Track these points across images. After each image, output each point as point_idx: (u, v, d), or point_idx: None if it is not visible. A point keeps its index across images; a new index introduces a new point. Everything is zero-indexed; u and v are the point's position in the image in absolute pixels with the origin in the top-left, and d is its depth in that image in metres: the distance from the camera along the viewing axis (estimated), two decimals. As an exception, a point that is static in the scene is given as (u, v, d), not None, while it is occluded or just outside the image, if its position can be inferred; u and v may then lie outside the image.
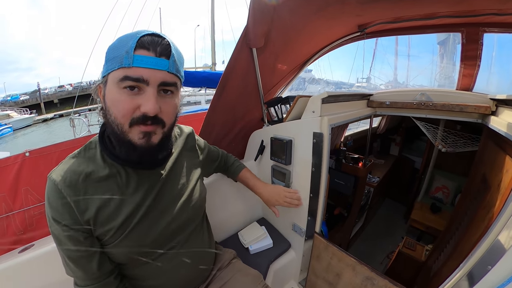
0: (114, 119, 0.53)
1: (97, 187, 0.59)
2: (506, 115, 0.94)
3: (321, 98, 1.00)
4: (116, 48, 0.52)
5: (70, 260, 0.59)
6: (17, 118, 18.93)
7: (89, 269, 0.59)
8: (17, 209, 1.24)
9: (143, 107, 0.52)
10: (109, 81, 0.53)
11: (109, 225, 0.60)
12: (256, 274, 0.88)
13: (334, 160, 1.91)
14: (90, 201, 0.58)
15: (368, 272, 0.91)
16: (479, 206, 1.05)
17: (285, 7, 1.07)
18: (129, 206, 0.62)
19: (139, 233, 0.63)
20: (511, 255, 0.54)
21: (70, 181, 0.56)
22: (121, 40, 0.52)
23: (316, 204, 1.09)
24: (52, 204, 0.56)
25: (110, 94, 0.53)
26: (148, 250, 0.66)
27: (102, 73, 0.55)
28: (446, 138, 1.56)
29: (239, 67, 1.20)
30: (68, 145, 1.38)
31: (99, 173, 0.60)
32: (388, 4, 1.12)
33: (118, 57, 0.51)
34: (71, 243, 0.57)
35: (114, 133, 0.55)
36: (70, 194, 0.56)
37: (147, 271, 0.69)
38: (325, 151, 1.01)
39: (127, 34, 0.53)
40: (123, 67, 0.50)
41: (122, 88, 0.51)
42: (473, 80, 1.32)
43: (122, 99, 0.52)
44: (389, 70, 14.16)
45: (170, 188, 0.71)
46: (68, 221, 0.56)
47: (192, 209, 0.76)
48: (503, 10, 1.06)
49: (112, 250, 0.62)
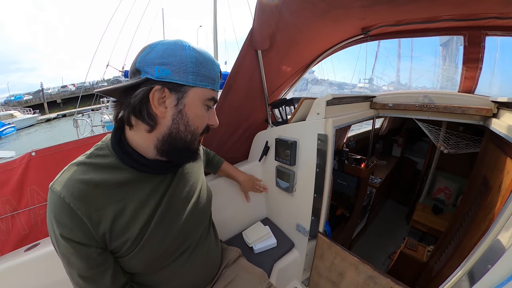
0: (194, 129, 0.59)
1: (109, 195, 0.55)
2: (507, 118, 0.95)
3: (326, 100, 1.02)
4: (206, 68, 0.56)
5: (80, 277, 0.54)
6: (20, 118, 18.98)
7: (103, 285, 0.56)
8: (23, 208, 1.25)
9: (212, 121, 0.63)
10: (194, 95, 0.56)
11: (125, 236, 0.56)
12: (260, 272, 0.90)
13: (336, 161, 1.92)
14: (104, 212, 0.54)
15: (370, 271, 0.93)
16: (480, 207, 1.07)
17: (290, 10, 1.09)
18: (145, 213, 0.59)
19: (155, 240, 0.61)
20: (510, 254, 0.55)
21: (79, 192, 0.51)
22: (210, 62, 0.57)
23: (320, 204, 1.11)
24: (59, 220, 0.50)
25: (194, 108, 0.57)
26: (163, 257, 0.66)
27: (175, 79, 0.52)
28: (448, 140, 1.57)
29: (245, 68, 1.22)
30: (74, 144, 1.39)
31: (111, 179, 0.55)
32: (391, 8, 1.14)
33: (210, 79, 0.57)
34: (83, 262, 0.52)
35: (184, 141, 0.58)
36: (81, 207, 0.51)
37: (160, 277, 0.68)
38: (329, 152, 1.03)
39: (210, 58, 0.58)
40: (213, 89, 0.59)
41: (205, 105, 0.59)
42: (475, 83, 1.33)
43: (204, 115, 0.60)
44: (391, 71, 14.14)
45: (181, 191, 0.70)
46: (81, 238, 0.51)
47: (201, 211, 0.77)
48: (504, 14, 1.07)
49: (128, 261, 0.59)
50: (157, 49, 0.53)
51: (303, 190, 1.16)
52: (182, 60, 0.52)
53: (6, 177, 1.22)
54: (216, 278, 0.85)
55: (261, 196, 1.46)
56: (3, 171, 1.21)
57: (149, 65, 0.52)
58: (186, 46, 0.53)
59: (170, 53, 0.52)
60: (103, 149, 0.59)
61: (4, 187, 1.21)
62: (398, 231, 2.41)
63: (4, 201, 1.21)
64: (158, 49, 0.53)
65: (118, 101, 0.56)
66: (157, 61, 0.51)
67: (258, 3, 1.04)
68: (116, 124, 0.58)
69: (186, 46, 0.53)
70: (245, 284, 0.84)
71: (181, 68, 0.52)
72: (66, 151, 1.37)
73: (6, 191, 1.21)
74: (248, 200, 1.30)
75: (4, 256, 0.88)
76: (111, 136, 0.59)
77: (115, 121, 0.58)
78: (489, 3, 1.04)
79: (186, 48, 0.53)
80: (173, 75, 0.52)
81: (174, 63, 0.52)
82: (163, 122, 0.56)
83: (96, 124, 7.56)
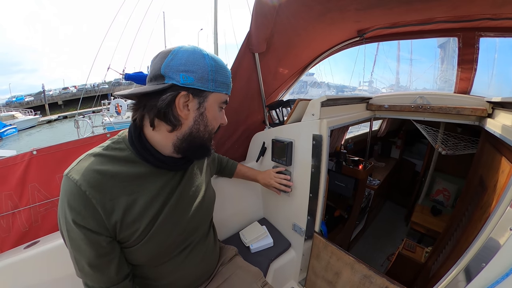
0: (211, 129, 0.65)
1: (122, 187, 0.58)
2: (502, 118, 0.96)
3: (321, 102, 1.04)
4: (222, 75, 0.62)
5: (86, 264, 0.56)
6: (22, 119, 19.08)
7: (107, 274, 0.58)
8: (24, 206, 1.27)
9: (222, 120, 0.69)
10: (212, 100, 0.62)
11: (134, 226, 0.59)
12: (256, 271, 0.91)
13: (334, 163, 1.93)
14: (116, 202, 0.57)
15: (366, 270, 0.93)
16: (476, 207, 1.07)
17: (286, 13, 1.11)
18: (155, 206, 0.63)
19: (161, 233, 0.64)
20: (504, 252, 0.56)
21: (95, 182, 0.54)
22: (224, 69, 0.63)
23: (315, 204, 1.12)
24: (73, 206, 0.53)
25: (212, 111, 0.63)
26: (167, 251, 0.69)
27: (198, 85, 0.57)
28: (446, 141, 1.57)
29: (242, 71, 1.24)
30: (75, 144, 1.41)
31: (126, 172, 0.59)
32: (385, 10, 1.15)
33: (225, 84, 0.63)
34: (92, 248, 0.55)
35: (202, 139, 0.64)
36: (96, 196, 0.53)
37: (160, 271, 0.70)
38: (324, 152, 1.04)
39: (224, 65, 0.63)
40: (227, 93, 0.65)
41: (219, 107, 0.66)
42: (470, 84, 1.34)
43: (219, 116, 0.67)
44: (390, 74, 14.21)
45: (189, 190, 0.74)
46: (92, 225, 0.54)
47: (205, 210, 0.81)
48: (497, 15, 1.09)
49: (133, 252, 0.62)
50: (179, 56, 0.56)
51: (299, 190, 1.17)
52: (204, 68, 0.57)
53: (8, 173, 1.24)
54: (212, 275, 0.87)
55: (258, 196, 1.47)
56: (4, 167, 1.23)
57: (174, 71, 0.56)
58: (205, 56, 0.58)
59: (193, 61, 0.56)
60: (120, 143, 0.62)
61: (6, 182, 1.23)
62: (397, 233, 2.40)
63: (6, 196, 1.23)
64: (180, 56, 0.56)
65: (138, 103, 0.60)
66: (182, 68, 0.56)
67: (255, 7, 1.06)
68: (138, 122, 0.61)
69: (206, 55, 0.58)
70: (241, 282, 0.85)
71: (203, 76, 0.58)
72: (67, 151, 1.38)
73: (8, 186, 1.23)
74: (278, 193, 1.21)
75: (3, 254, 0.89)
76: (129, 132, 0.63)
77: (133, 120, 0.62)
78: (482, 5, 1.05)
79: (206, 57, 0.58)
80: (196, 82, 0.57)
81: (197, 71, 0.57)
82: (185, 123, 0.61)
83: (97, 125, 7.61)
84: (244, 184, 1.31)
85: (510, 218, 0.57)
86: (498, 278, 0.58)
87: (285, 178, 1.17)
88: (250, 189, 1.42)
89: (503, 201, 0.61)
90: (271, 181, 1.17)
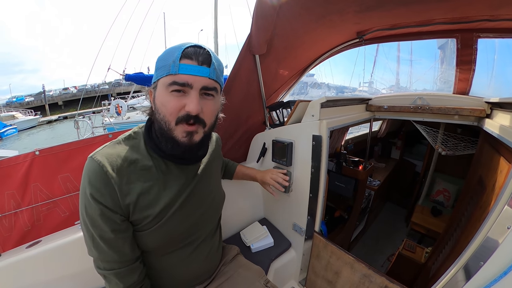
0: (163, 117, 0.61)
1: (139, 175, 0.63)
2: (500, 118, 0.97)
3: (320, 103, 1.05)
4: (164, 59, 0.60)
5: (101, 239, 0.59)
6: (22, 119, 19.10)
7: (121, 251, 0.61)
8: (26, 205, 1.28)
9: (187, 106, 0.59)
10: (159, 86, 0.61)
11: (147, 212, 0.63)
12: (258, 269, 0.92)
13: (334, 163, 1.94)
14: (132, 186, 0.61)
15: (365, 269, 0.94)
16: (475, 207, 1.08)
17: (287, 16, 1.12)
18: (167, 196, 0.66)
19: (172, 223, 0.67)
20: (502, 251, 0.57)
21: (116, 165, 0.59)
22: (168, 52, 0.60)
23: (315, 204, 1.13)
24: (93, 183, 0.57)
25: (160, 97, 0.61)
26: (175, 241, 0.71)
27: (153, 80, 0.63)
28: (446, 142, 1.58)
29: (243, 73, 1.25)
30: (77, 144, 1.42)
31: (143, 162, 0.64)
32: (383, 12, 1.16)
33: (166, 66, 0.59)
34: (107, 224, 0.59)
35: (161, 130, 0.62)
36: (115, 177, 0.58)
37: (165, 262, 0.73)
38: (324, 153, 1.05)
39: (174, 46, 0.60)
40: (171, 74, 0.58)
41: (170, 92, 0.59)
42: (469, 84, 1.35)
43: (170, 100, 0.59)
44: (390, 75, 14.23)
45: (202, 185, 0.76)
46: (109, 203, 0.58)
47: (215, 209, 0.84)
48: (495, 16, 1.10)
49: (144, 236, 0.65)
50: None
51: (299, 190, 1.18)
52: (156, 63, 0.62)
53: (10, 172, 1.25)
54: (214, 274, 0.87)
55: (259, 196, 1.48)
56: (7, 166, 1.25)
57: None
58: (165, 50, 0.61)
59: None
60: (138, 135, 0.68)
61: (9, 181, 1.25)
62: (397, 233, 2.40)
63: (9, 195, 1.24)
64: None
65: None
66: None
67: (255, 9, 1.07)
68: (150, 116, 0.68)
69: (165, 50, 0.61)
70: (244, 281, 0.86)
71: (155, 69, 0.62)
72: (69, 151, 1.39)
73: (11, 185, 1.24)
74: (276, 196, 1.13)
75: (6, 253, 0.90)
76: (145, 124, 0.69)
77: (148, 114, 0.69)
78: (480, 6, 1.06)
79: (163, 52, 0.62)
80: (153, 78, 0.63)
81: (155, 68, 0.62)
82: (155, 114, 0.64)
83: (97, 126, 7.62)
84: (244, 184, 1.32)
85: (508, 217, 0.58)
86: (496, 277, 0.58)
87: (282, 174, 1.10)
88: (250, 189, 1.43)
89: (501, 200, 0.62)
90: (266, 177, 1.10)
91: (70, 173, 1.37)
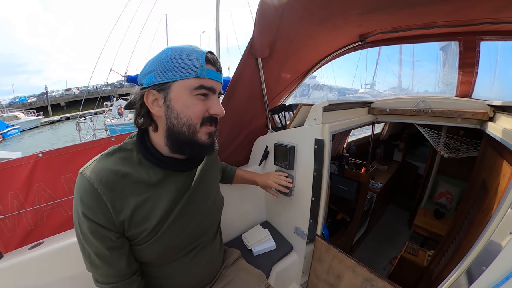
0: (187, 120, 0.60)
1: (133, 188, 0.60)
2: (502, 121, 0.97)
3: (323, 107, 1.05)
4: (184, 60, 0.57)
5: (97, 256, 0.58)
6: (24, 120, 19.25)
7: (117, 267, 0.60)
8: (29, 205, 1.30)
9: (212, 110, 0.62)
10: (177, 89, 0.58)
11: (143, 226, 0.61)
12: (259, 273, 0.92)
13: (336, 166, 1.93)
14: (126, 201, 0.59)
15: (367, 273, 0.94)
16: (478, 210, 1.07)
17: (289, 19, 1.13)
18: (163, 207, 0.64)
19: (170, 234, 0.66)
20: (505, 255, 0.56)
21: (107, 180, 0.57)
22: (188, 53, 0.58)
23: (317, 207, 1.12)
24: (84, 200, 0.55)
25: (180, 100, 0.59)
26: (174, 251, 0.70)
27: (158, 80, 0.58)
28: (448, 144, 1.57)
29: (246, 76, 1.26)
30: (80, 147, 1.44)
31: (136, 174, 0.61)
32: (387, 15, 1.17)
33: (190, 68, 0.57)
34: (102, 242, 0.57)
35: (181, 135, 0.61)
36: (107, 193, 0.56)
37: (166, 270, 0.72)
38: (326, 156, 1.05)
39: (190, 48, 0.59)
40: (198, 77, 0.58)
41: (195, 95, 0.59)
42: (471, 87, 1.35)
43: (196, 103, 0.60)
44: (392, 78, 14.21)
45: (200, 192, 0.75)
46: (102, 220, 0.56)
47: (214, 214, 0.83)
48: (498, 19, 1.10)
49: (142, 250, 0.64)
50: (147, 63, 0.61)
51: (301, 194, 1.18)
52: (160, 62, 0.58)
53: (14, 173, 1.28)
54: (216, 278, 0.88)
55: (261, 200, 1.48)
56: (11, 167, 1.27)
57: (143, 77, 0.60)
58: (165, 50, 0.59)
59: (153, 61, 0.59)
60: (130, 145, 0.65)
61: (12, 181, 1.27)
62: (399, 236, 2.39)
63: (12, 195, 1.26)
64: (147, 63, 0.61)
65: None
66: (146, 71, 0.60)
67: (258, 13, 1.08)
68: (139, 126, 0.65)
69: (166, 50, 0.59)
70: (244, 284, 0.86)
71: (161, 69, 0.58)
72: (72, 154, 1.42)
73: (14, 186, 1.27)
74: (277, 195, 1.16)
75: (8, 254, 0.90)
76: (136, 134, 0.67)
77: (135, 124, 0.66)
78: (483, 9, 1.06)
79: (165, 51, 0.59)
80: (157, 78, 0.58)
81: (156, 68, 0.58)
82: (161, 120, 0.61)
83: (99, 127, 7.64)
84: (246, 187, 1.32)
85: (510, 221, 0.58)
86: (499, 282, 0.58)
87: (285, 178, 1.11)
88: (252, 193, 1.43)
89: (503, 205, 0.61)
90: (269, 181, 1.11)
91: (73, 174, 1.39)
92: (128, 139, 0.67)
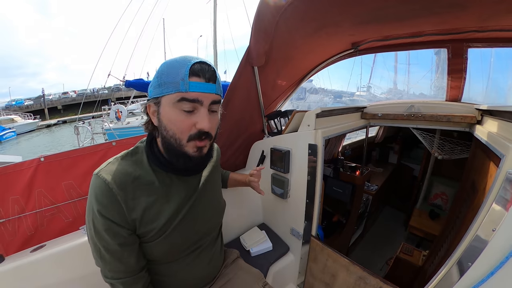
0: (172, 134, 0.61)
1: (143, 190, 0.65)
2: (489, 124, 1.01)
3: (315, 113, 1.10)
4: (169, 75, 0.58)
5: (107, 252, 0.62)
6: (21, 123, 18.90)
7: (127, 263, 0.64)
8: (30, 210, 1.30)
9: (199, 124, 0.61)
10: (164, 103, 0.60)
11: (152, 225, 0.65)
12: (257, 272, 0.95)
13: (332, 169, 1.97)
14: (137, 202, 0.63)
15: (360, 272, 0.97)
16: (468, 209, 1.11)
17: (285, 29, 1.17)
18: (170, 209, 0.68)
19: (176, 234, 0.70)
20: (488, 252, 0.60)
21: (121, 182, 0.61)
22: (173, 67, 0.59)
23: (312, 209, 1.16)
24: (100, 199, 0.59)
25: (167, 114, 0.60)
26: (179, 250, 0.74)
27: (154, 94, 0.61)
28: (442, 146, 1.60)
29: (243, 84, 1.30)
30: (82, 152, 1.45)
31: (146, 177, 0.66)
32: (377, 25, 1.22)
33: (173, 83, 0.58)
34: (114, 238, 0.61)
35: (170, 146, 0.63)
36: (120, 193, 0.60)
37: (170, 268, 0.75)
38: (319, 161, 1.09)
39: (177, 61, 0.59)
40: (180, 91, 0.58)
41: (179, 109, 0.59)
42: (460, 92, 1.40)
43: (180, 119, 0.60)
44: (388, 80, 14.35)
45: (204, 195, 0.79)
46: (116, 218, 0.61)
47: (217, 217, 0.88)
48: (483, 27, 1.15)
49: (149, 247, 0.68)
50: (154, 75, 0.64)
51: (296, 196, 1.22)
52: (155, 77, 0.62)
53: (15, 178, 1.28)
54: (216, 277, 0.91)
55: (258, 202, 1.52)
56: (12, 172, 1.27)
57: (149, 89, 0.64)
58: (161, 64, 0.62)
59: (155, 75, 0.63)
60: (141, 150, 0.70)
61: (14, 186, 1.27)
62: (395, 237, 2.41)
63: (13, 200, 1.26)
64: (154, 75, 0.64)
65: None
66: (151, 84, 0.63)
67: (254, 23, 1.12)
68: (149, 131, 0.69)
69: (162, 64, 0.62)
70: (243, 283, 0.89)
71: (155, 84, 0.61)
72: (74, 158, 1.42)
73: (15, 191, 1.27)
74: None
75: (10, 257, 0.91)
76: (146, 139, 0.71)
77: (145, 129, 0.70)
78: (468, 19, 1.11)
79: (161, 66, 0.62)
80: (153, 92, 0.62)
81: (153, 83, 0.62)
82: (159, 129, 0.65)
83: (96, 131, 7.61)
84: (244, 191, 1.35)
85: (492, 220, 0.61)
86: (484, 277, 0.61)
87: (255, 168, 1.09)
88: (249, 196, 1.46)
89: (486, 204, 0.65)
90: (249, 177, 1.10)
91: (73, 180, 1.40)
92: (140, 143, 0.72)
